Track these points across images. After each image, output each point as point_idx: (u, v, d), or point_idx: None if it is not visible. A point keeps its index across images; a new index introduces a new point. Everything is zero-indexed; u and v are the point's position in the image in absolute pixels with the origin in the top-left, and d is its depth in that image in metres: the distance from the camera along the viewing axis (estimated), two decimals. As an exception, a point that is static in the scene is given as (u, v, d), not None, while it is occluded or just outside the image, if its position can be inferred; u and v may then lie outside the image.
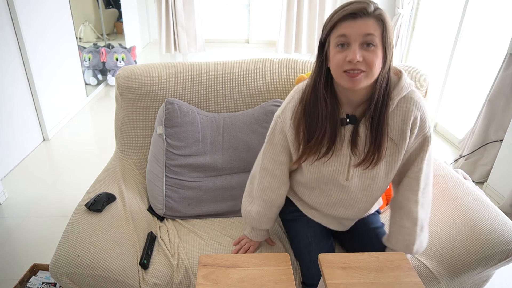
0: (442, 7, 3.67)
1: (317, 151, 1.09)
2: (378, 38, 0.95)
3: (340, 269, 1.01)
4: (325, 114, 1.05)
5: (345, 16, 0.94)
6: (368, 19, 0.94)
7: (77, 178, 2.58)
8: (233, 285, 0.97)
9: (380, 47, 0.96)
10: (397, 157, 1.10)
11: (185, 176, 1.54)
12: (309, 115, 1.07)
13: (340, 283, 0.97)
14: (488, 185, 2.47)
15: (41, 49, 2.98)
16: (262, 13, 5.25)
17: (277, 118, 1.16)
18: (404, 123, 1.05)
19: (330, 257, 1.04)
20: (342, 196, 1.18)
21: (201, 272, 1.01)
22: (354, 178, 1.13)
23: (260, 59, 1.69)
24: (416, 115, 1.05)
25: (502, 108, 2.44)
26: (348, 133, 1.08)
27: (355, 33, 0.94)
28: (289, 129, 1.12)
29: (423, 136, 1.09)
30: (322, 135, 1.06)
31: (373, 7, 0.95)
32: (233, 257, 1.05)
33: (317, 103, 1.05)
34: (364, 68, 0.96)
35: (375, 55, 0.95)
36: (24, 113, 2.81)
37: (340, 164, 1.12)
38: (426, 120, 1.07)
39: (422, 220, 1.17)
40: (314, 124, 1.07)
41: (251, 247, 1.35)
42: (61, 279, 1.17)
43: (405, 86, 1.04)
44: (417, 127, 1.06)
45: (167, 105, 1.53)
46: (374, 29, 0.94)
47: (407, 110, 1.05)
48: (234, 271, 1.01)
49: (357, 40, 0.94)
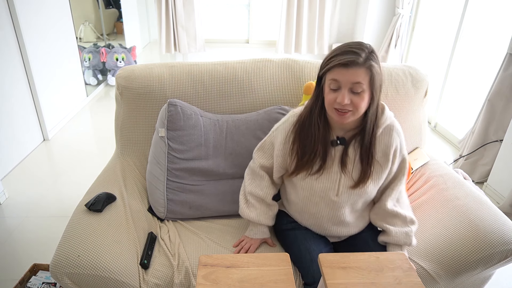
0: (442, 7, 3.67)
1: (309, 168, 1.24)
2: (366, 84, 1.10)
3: (340, 269, 1.01)
4: (317, 136, 1.21)
5: (338, 64, 1.10)
6: (358, 69, 1.09)
7: (77, 178, 2.58)
8: (233, 285, 0.98)
9: (367, 91, 1.12)
10: (381, 175, 1.26)
11: (187, 180, 1.53)
12: (304, 137, 1.23)
13: (340, 283, 0.97)
14: (488, 185, 2.47)
15: (41, 49, 2.98)
16: (262, 13, 5.24)
17: (271, 132, 1.36)
18: (387, 147, 1.23)
19: (330, 257, 1.05)
20: (332, 213, 1.30)
21: (201, 272, 1.01)
22: (343, 194, 1.26)
23: (260, 59, 1.69)
24: (397, 142, 1.25)
25: (502, 108, 2.44)
26: (339, 153, 1.23)
27: (346, 80, 1.10)
28: (279, 145, 1.30)
29: (401, 158, 1.29)
30: (314, 155, 1.22)
31: (363, 57, 1.09)
32: (233, 257, 1.06)
33: (311, 127, 1.22)
34: (351, 108, 1.12)
35: (362, 99, 1.11)
36: (24, 113, 2.82)
37: (331, 181, 1.25)
38: (403, 145, 1.28)
39: (409, 217, 1.32)
40: (307, 145, 1.22)
41: (251, 246, 1.36)
42: (61, 279, 1.17)
43: (388, 116, 1.23)
44: (398, 152, 1.26)
45: (169, 107, 1.51)
46: (362, 78, 1.09)
47: (390, 136, 1.24)
48: (234, 271, 1.01)
49: (346, 86, 1.10)
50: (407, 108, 1.66)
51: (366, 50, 1.10)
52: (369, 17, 4.22)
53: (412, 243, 1.29)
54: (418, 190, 1.60)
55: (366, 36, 4.33)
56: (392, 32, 4.03)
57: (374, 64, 1.10)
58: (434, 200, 1.50)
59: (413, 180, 1.67)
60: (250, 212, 1.36)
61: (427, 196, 1.54)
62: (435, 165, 1.67)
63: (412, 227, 1.30)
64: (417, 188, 1.62)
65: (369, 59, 1.09)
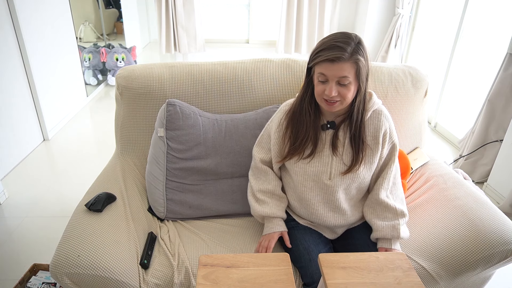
0: (442, 7, 3.67)
1: (301, 152, 1.29)
2: (352, 77, 1.16)
3: (340, 269, 1.01)
4: (309, 122, 1.28)
5: (325, 60, 1.15)
6: (344, 64, 1.14)
7: (77, 178, 2.58)
8: (233, 285, 0.98)
9: (354, 83, 1.18)
10: (373, 159, 1.30)
11: (186, 180, 1.53)
12: (296, 123, 1.30)
13: (340, 283, 0.97)
14: (488, 185, 2.47)
15: (41, 49, 2.98)
16: (262, 13, 5.25)
17: (267, 125, 1.43)
18: (376, 131, 1.28)
19: (330, 257, 1.05)
20: (326, 198, 1.32)
21: (201, 272, 1.01)
22: (336, 177, 1.29)
23: (260, 59, 1.69)
24: (386, 126, 1.30)
25: (502, 108, 2.44)
26: (329, 136, 1.29)
27: (332, 74, 1.16)
28: (274, 133, 1.35)
29: (391, 143, 1.32)
30: (306, 139, 1.28)
31: (349, 52, 1.13)
32: (233, 257, 1.06)
33: (302, 114, 1.28)
34: (339, 98, 1.19)
35: (348, 90, 1.18)
36: (24, 113, 2.82)
37: (323, 164, 1.29)
38: (393, 130, 1.33)
39: (400, 209, 1.33)
40: (299, 130, 1.29)
41: (269, 242, 1.33)
42: (61, 279, 1.17)
43: (375, 102, 1.29)
44: (388, 136, 1.30)
45: (168, 107, 1.51)
46: (348, 72, 1.15)
47: (378, 121, 1.29)
48: (234, 271, 1.01)
49: (333, 80, 1.17)
50: (407, 108, 1.66)
51: (352, 42, 1.14)
52: (369, 17, 4.22)
53: (401, 236, 1.29)
54: (418, 190, 1.60)
55: (366, 36, 4.33)
56: (392, 32, 4.03)
57: (360, 57, 1.15)
58: (434, 199, 1.50)
59: (413, 179, 1.67)
60: (263, 209, 1.36)
61: (427, 196, 1.54)
62: (435, 165, 1.67)
63: (400, 220, 1.31)
64: (417, 188, 1.62)
65: (355, 53, 1.14)
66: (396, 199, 1.36)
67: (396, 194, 1.37)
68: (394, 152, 1.33)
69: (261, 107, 1.64)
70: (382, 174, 1.34)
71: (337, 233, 1.39)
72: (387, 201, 1.32)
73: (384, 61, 4.19)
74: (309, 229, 1.37)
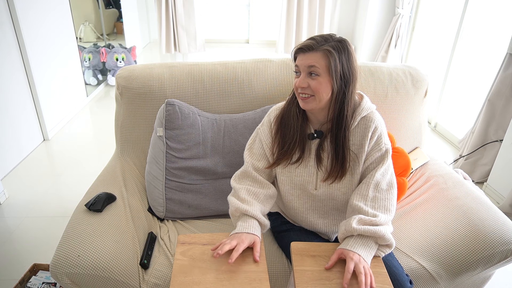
0: (442, 7, 3.67)
1: (289, 157, 1.25)
2: (321, 69, 1.11)
3: (309, 257, 1.06)
4: (296, 127, 1.23)
5: (298, 50, 1.16)
6: (314, 53, 1.12)
7: (77, 178, 2.58)
8: (209, 260, 1.04)
9: (326, 77, 1.12)
10: (357, 167, 1.22)
11: (186, 179, 1.53)
12: (285, 126, 1.26)
13: (307, 270, 1.01)
14: (488, 185, 2.47)
15: (41, 49, 2.98)
16: (262, 13, 5.25)
17: (257, 130, 1.34)
18: (363, 138, 1.20)
19: (301, 245, 1.10)
20: (314, 205, 1.29)
21: (179, 249, 1.08)
22: (321, 188, 1.25)
23: (260, 59, 1.69)
24: (374, 132, 1.20)
25: (502, 108, 2.44)
26: (315, 147, 1.24)
27: (303, 64, 1.14)
28: (266, 137, 1.29)
29: (379, 150, 1.21)
30: (293, 144, 1.23)
31: (321, 43, 1.11)
32: (209, 235, 1.13)
33: (290, 117, 1.24)
34: (311, 93, 1.14)
35: (318, 83, 1.12)
36: (24, 113, 2.82)
37: (308, 174, 1.26)
38: (382, 138, 1.22)
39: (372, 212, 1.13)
40: (287, 134, 1.24)
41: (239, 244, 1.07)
42: (61, 279, 1.17)
43: (365, 108, 1.21)
44: (374, 141, 1.21)
45: (167, 107, 1.51)
46: (317, 62, 1.11)
47: (366, 127, 1.20)
48: (210, 248, 1.08)
49: (305, 70, 1.14)
50: (407, 108, 1.66)
51: (331, 39, 1.13)
52: (369, 17, 4.22)
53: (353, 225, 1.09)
54: (418, 190, 1.61)
55: (366, 36, 4.33)
56: (392, 32, 4.03)
57: (333, 51, 1.10)
58: (434, 199, 1.50)
59: (413, 179, 1.68)
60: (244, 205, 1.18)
61: (427, 196, 1.54)
62: (435, 165, 1.67)
63: (361, 215, 1.13)
64: (417, 188, 1.62)
65: (329, 46, 1.10)
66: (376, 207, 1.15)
67: (380, 204, 1.16)
68: (384, 160, 1.20)
69: (260, 107, 1.64)
70: (365, 179, 1.20)
71: (331, 238, 1.36)
72: (359, 204, 1.16)
73: (384, 61, 4.19)
74: (304, 230, 1.36)
